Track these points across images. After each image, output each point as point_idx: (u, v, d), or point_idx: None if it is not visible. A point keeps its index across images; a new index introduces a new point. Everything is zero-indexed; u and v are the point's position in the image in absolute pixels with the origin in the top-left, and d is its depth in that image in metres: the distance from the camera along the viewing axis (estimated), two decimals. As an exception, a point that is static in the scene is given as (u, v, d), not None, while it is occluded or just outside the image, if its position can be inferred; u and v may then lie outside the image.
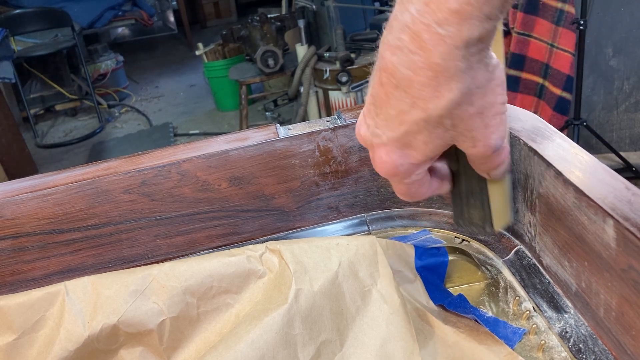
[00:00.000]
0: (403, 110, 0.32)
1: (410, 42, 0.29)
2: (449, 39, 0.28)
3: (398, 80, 0.31)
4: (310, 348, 0.44)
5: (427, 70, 0.30)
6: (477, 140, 0.34)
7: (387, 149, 0.34)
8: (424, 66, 0.29)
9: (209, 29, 5.68)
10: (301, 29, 2.77)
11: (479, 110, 0.32)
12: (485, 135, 0.34)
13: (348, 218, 0.63)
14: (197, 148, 0.57)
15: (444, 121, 0.32)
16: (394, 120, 0.33)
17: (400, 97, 0.31)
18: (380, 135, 0.34)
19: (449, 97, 0.30)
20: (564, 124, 1.99)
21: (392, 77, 0.31)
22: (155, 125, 3.59)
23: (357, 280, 0.47)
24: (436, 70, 0.29)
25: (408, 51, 0.29)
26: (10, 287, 0.56)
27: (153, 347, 0.47)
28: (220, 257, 0.49)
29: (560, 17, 1.90)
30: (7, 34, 3.25)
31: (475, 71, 0.31)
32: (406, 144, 0.34)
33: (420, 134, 0.33)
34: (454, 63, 0.29)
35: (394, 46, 0.30)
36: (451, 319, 0.49)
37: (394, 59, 0.30)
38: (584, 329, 0.43)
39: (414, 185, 0.37)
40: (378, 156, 0.35)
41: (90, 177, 0.55)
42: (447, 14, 0.28)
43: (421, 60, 0.29)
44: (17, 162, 2.90)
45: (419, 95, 0.31)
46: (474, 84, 0.31)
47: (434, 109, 0.31)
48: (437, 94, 0.30)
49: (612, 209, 0.36)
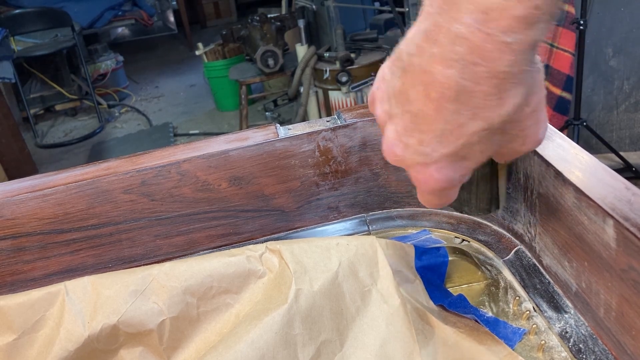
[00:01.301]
0: (461, 124, 0.30)
1: (470, 53, 0.27)
2: (516, 46, 0.27)
3: (455, 94, 0.29)
4: (310, 348, 0.44)
5: (491, 79, 0.28)
6: (527, 138, 0.33)
7: (438, 166, 0.32)
8: (488, 76, 0.28)
9: (209, 29, 5.68)
10: (301, 29, 2.77)
11: (534, 108, 0.31)
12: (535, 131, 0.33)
13: (348, 218, 0.63)
14: (197, 148, 0.57)
15: (505, 127, 0.31)
16: (449, 136, 0.31)
17: (457, 110, 0.30)
18: (429, 153, 0.32)
19: (513, 102, 0.29)
20: (564, 124, 1.99)
21: (448, 91, 0.29)
22: (155, 125, 3.60)
23: (357, 280, 0.47)
24: (501, 78, 0.28)
25: (468, 63, 0.28)
26: (10, 287, 0.56)
27: (153, 347, 0.47)
28: (220, 257, 0.49)
29: (560, 17, 1.90)
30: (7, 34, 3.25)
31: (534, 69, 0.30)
32: (462, 157, 0.32)
33: (478, 144, 0.31)
34: (521, 68, 0.28)
35: (449, 59, 0.28)
36: (451, 319, 0.49)
37: (450, 73, 0.28)
38: (584, 329, 0.43)
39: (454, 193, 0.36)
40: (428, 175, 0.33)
41: (90, 177, 0.55)
42: (513, 21, 0.26)
43: (485, 71, 0.28)
44: (17, 162, 2.90)
45: (481, 105, 0.29)
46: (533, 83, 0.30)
47: (497, 116, 0.30)
48: (501, 102, 0.29)
49: (612, 209, 0.36)
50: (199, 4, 5.68)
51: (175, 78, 4.48)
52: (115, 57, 4.18)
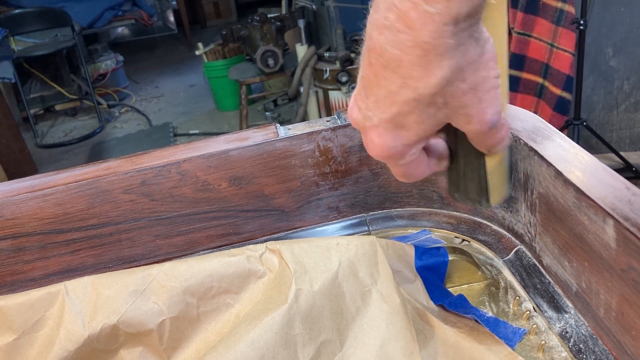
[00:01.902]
0: (393, 91, 0.31)
1: (398, 20, 0.29)
2: (437, 17, 0.28)
3: (386, 60, 0.30)
4: (310, 348, 0.44)
5: (416, 49, 0.29)
6: (471, 117, 0.33)
7: (378, 131, 0.34)
8: (412, 45, 0.29)
9: (209, 29, 5.68)
10: (301, 29, 2.77)
11: (472, 86, 0.31)
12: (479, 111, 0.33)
13: (348, 218, 0.63)
14: (197, 148, 0.57)
15: (435, 100, 0.31)
16: (384, 101, 0.32)
17: (389, 77, 0.31)
18: (371, 117, 0.33)
19: (439, 74, 0.30)
20: (564, 124, 1.99)
21: (381, 57, 0.30)
22: (155, 125, 3.59)
23: (357, 280, 0.47)
24: (425, 49, 0.29)
25: (396, 30, 0.29)
26: (10, 287, 0.56)
27: (153, 347, 0.47)
28: (220, 257, 0.49)
29: (560, 17, 1.90)
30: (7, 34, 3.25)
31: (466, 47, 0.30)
32: (398, 124, 0.33)
33: (411, 114, 0.32)
34: (443, 40, 0.29)
35: (381, 25, 0.29)
36: (451, 319, 0.49)
37: (382, 39, 0.30)
38: (584, 329, 0.43)
39: (411, 166, 0.36)
40: (370, 139, 0.34)
41: (90, 177, 0.55)
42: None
43: (409, 39, 0.29)
44: (17, 162, 2.90)
45: (408, 74, 0.30)
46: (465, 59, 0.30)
47: (424, 87, 0.30)
48: (427, 73, 0.30)
49: (612, 209, 0.36)
50: (199, 4, 5.68)
51: (175, 78, 4.48)
52: (115, 57, 4.18)
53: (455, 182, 0.41)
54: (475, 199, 0.41)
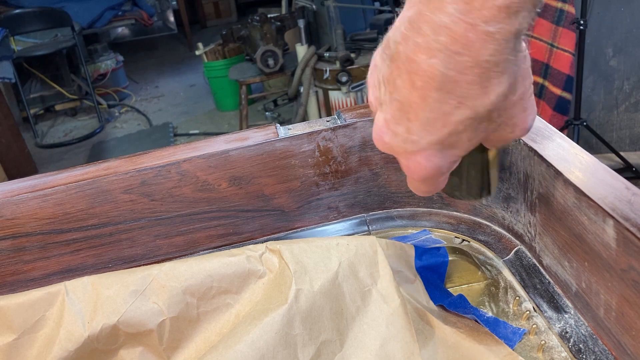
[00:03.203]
0: (446, 112, 0.30)
1: (453, 43, 0.27)
2: (498, 35, 0.27)
3: (440, 83, 0.29)
4: (310, 348, 0.44)
5: (475, 68, 0.28)
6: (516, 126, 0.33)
7: (426, 154, 0.33)
8: (472, 65, 0.28)
9: (209, 29, 5.67)
10: (301, 29, 2.77)
11: (520, 96, 0.31)
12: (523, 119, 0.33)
13: (348, 218, 0.63)
14: (197, 148, 0.57)
15: (491, 115, 0.31)
16: (434, 124, 0.31)
17: (442, 99, 0.30)
18: (416, 141, 0.32)
19: (498, 91, 0.29)
20: (564, 124, 1.99)
21: (432, 80, 0.29)
22: (155, 125, 3.59)
23: (357, 281, 0.47)
24: (485, 68, 0.28)
25: (451, 52, 0.28)
26: (10, 287, 0.56)
27: (153, 347, 0.47)
28: (220, 257, 0.49)
29: (560, 17, 1.90)
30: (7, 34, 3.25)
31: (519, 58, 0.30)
32: (449, 145, 0.32)
33: (465, 133, 0.31)
34: (504, 57, 0.28)
35: (432, 49, 0.28)
36: (451, 319, 0.49)
37: (434, 62, 0.28)
38: (584, 329, 0.43)
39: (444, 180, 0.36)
40: (416, 163, 0.33)
41: (90, 177, 0.55)
42: (495, 11, 0.26)
43: (468, 60, 0.28)
44: (17, 162, 2.90)
45: (465, 94, 0.29)
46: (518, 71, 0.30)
47: (482, 105, 0.30)
48: (485, 91, 0.29)
49: (612, 209, 0.36)
50: (199, 4, 5.68)
51: (175, 78, 4.48)
52: (115, 57, 4.18)
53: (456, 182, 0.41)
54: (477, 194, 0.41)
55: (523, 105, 0.32)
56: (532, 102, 0.33)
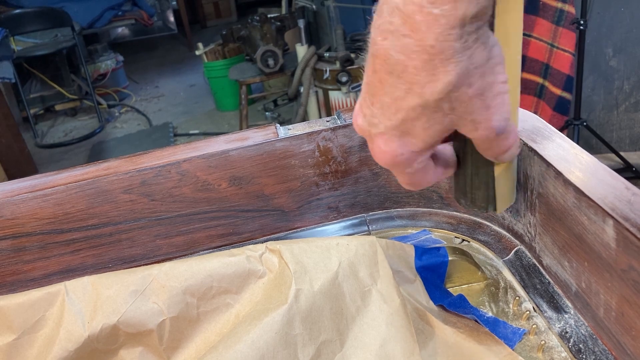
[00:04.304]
0: (399, 97, 0.31)
1: (402, 24, 0.28)
2: (443, 19, 0.27)
3: (391, 66, 0.29)
4: (310, 348, 0.44)
5: (421, 53, 0.28)
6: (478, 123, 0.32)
7: (385, 138, 0.33)
8: (418, 49, 0.28)
9: (209, 29, 5.67)
10: (301, 29, 2.77)
11: (479, 91, 0.31)
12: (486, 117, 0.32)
13: (348, 218, 0.63)
14: (197, 148, 0.57)
15: (442, 105, 0.30)
16: (390, 108, 0.31)
17: (394, 83, 0.30)
18: (377, 124, 0.33)
19: (445, 79, 0.29)
20: (564, 124, 1.99)
21: (385, 63, 0.30)
22: (155, 125, 3.59)
23: (357, 280, 0.47)
24: (431, 53, 0.28)
25: (400, 35, 0.28)
26: (10, 287, 0.56)
27: (153, 347, 0.47)
28: (220, 257, 0.49)
29: (560, 17, 1.90)
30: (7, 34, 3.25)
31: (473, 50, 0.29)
32: (405, 131, 0.32)
33: (418, 120, 0.31)
34: (449, 44, 0.28)
35: (385, 30, 0.29)
36: (451, 319, 0.49)
37: (386, 44, 0.29)
38: (584, 329, 0.43)
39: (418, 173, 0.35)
40: (377, 146, 0.34)
41: (90, 177, 0.55)
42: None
43: (414, 44, 0.28)
44: (17, 162, 2.90)
45: (414, 80, 0.29)
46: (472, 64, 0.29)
47: (430, 93, 0.30)
48: (433, 78, 0.29)
49: (612, 209, 0.36)
50: (199, 4, 5.68)
51: (175, 78, 4.48)
52: (115, 57, 4.18)
53: (462, 189, 0.41)
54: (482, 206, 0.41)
55: (485, 102, 0.31)
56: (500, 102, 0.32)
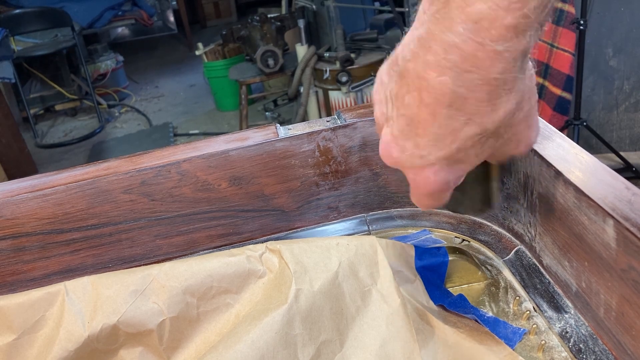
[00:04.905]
0: (456, 128, 0.31)
1: (463, 62, 0.28)
2: (507, 54, 0.28)
3: (450, 100, 0.30)
4: (310, 348, 0.44)
5: (484, 86, 0.29)
6: (521, 142, 0.34)
7: (435, 169, 0.33)
8: (481, 83, 0.29)
9: (209, 29, 5.67)
10: (301, 29, 2.77)
11: (526, 114, 0.32)
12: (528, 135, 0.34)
13: (348, 218, 0.63)
14: (197, 148, 0.57)
15: (499, 131, 0.32)
16: (444, 140, 0.31)
17: (451, 115, 0.30)
18: (425, 156, 0.33)
19: (506, 108, 0.30)
20: (564, 124, 1.99)
21: (442, 97, 0.30)
22: (155, 125, 3.59)
23: (357, 280, 0.47)
24: (494, 85, 0.29)
25: (461, 70, 0.28)
26: (10, 287, 0.56)
27: (153, 347, 0.47)
28: (220, 257, 0.49)
29: (560, 17, 1.90)
30: (7, 34, 3.25)
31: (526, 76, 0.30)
32: (457, 160, 0.33)
33: (473, 148, 0.32)
34: (512, 75, 0.29)
35: (442, 67, 0.29)
36: (451, 319, 0.49)
37: (444, 79, 0.29)
38: (584, 329, 0.43)
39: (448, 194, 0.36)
40: (424, 177, 0.34)
41: (90, 177, 0.55)
42: (503, 30, 0.27)
43: (478, 78, 0.28)
44: (17, 162, 2.90)
45: (474, 111, 0.30)
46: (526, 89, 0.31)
47: (491, 122, 0.30)
48: (494, 108, 0.30)
49: (612, 209, 0.36)
50: (199, 4, 5.68)
51: (175, 78, 4.48)
52: (115, 57, 4.18)
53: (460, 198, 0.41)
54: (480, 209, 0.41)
55: (528, 122, 0.33)
56: (537, 119, 0.34)
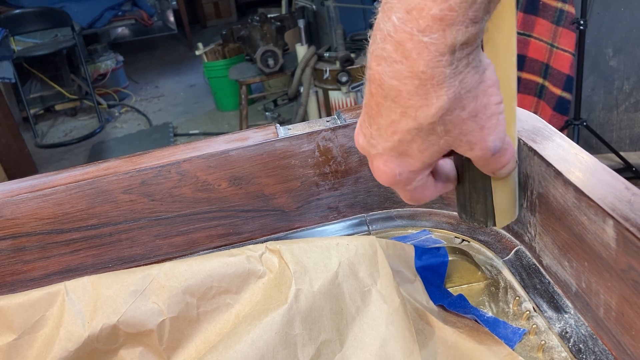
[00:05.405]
0: (394, 120, 0.32)
1: (394, 51, 0.29)
2: (432, 47, 0.28)
3: (386, 91, 0.31)
4: (310, 348, 0.44)
5: (413, 79, 0.29)
6: (473, 144, 0.33)
7: (384, 159, 0.34)
8: (409, 75, 0.29)
9: (209, 29, 5.67)
10: (301, 29, 2.77)
11: (472, 113, 0.32)
12: (481, 138, 0.33)
13: (348, 218, 0.63)
14: (197, 148, 0.57)
15: (436, 128, 0.32)
16: (386, 130, 0.33)
17: (389, 107, 0.31)
18: (375, 145, 0.34)
19: (437, 104, 0.30)
20: (564, 124, 1.99)
21: (380, 88, 0.31)
22: (155, 125, 3.59)
23: (357, 280, 0.47)
24: (422, 79, 0.29)
25: (392, 61, 0.29)
26: (10, 287, 0.56)
27: (153, 347, 0.47)
28: (220, 257, 0.49)
29: (560, 17, 1.90)
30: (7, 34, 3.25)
31: (464, 75, 0.30)
32: (402, 152, 0.33)
33: (414, 142, 0.33)
34: (440, 70, 0.29)
35: (379, 56, 0.30)
36: (451, 319, 0.49)
37: (380, 69, 0.30)
38: (584, 329, 0.43)
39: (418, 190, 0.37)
40: (376, 166, 0.35)
41: (90, 177, 0.55)
42: (430, 21, 0.27)
43: (406, 70, 0.29)
44: (17, 162, 2.90)
45: (407, 104, 0.30)
46: (463, 88, 0.30)
47: (424, 117, 0.31)
48: (425, 102, 0.30)
49: (612, 209, 0.36)
50: (199, 4, 5.68)
51: (175, 78, 4.48)
52: (115, 57, 4.18)
53: (462, 203, 0.41)
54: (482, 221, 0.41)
55: (479, 123, 0.32)
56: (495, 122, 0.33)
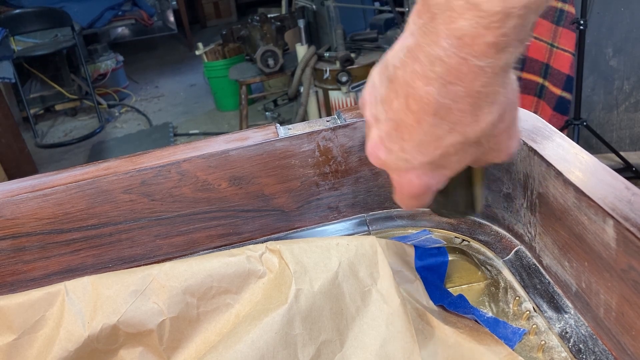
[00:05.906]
0: (439, 136, 0.32)
1: (447, 74, 0.29)
2: (488, 69, 0.29)
3: (435, 109, 0.31)
4: (310, 348, 0.44)
5: (467, 98, 0.30)
6: (501, 152, 0.35)
7: (418, 173, 0.35)
8: (464, 95, 0.30)
9: (209, 29, 5.67)
10: (301, 29, 2.77)
11: (507, 124, 0.34)
12: (508, 145, 0.35)
13: (348, 218, 0.63)
14: (197, 148, 0.57)
15: (480, 141, 0.33)
16: (427, 146, 0.33)
17: (436, 123, 0.31)
18: (409, 160, 0.34)
19: (488, 119, 0.31)
20: (564, 124, 1.99)
21: (427, 106, 0.31)
22: (155, 125, 3.59)
23: (357, 280, 0.47)
24: (477, 97, 0.30)
25: (446, 82, 0.30)
26: (10, 287, 0.56)
27: (153, 347, 0.47)
28: (220, 257, 0.49)
29: (560, 17, 1.90)
30: (7, 34, 3.25)
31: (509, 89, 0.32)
32: (439, 165, 0.34)
33: (455, 155, 0.34)
34: (494, 89, 0.30)
35: (428, 77, 0.30)
36: (451, 319, 0.49)
37: (430, 89, 0.30)
38: (584, 329, 0.43)
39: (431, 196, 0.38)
40: (407, 180, 0.36)
41: (90, 177, 0.55)
42: (484, 48, 0.28)
43: (461, 90, 0.30)
44: (17, 162, 2.90)
45: (458, 121, 0.31)
46: (508, 101, 0.32)
47: (473, 132, 0.32)
48: (476, 119, 0.31)
49: (612, 209, 0.36)
50: (199, 4, 5.68)
51: (175, 78, 4.48)
52: (115, 57, 4.18)
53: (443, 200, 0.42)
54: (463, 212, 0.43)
55: (509, 133, 0.35)
56: (517, 130, 0.36)
